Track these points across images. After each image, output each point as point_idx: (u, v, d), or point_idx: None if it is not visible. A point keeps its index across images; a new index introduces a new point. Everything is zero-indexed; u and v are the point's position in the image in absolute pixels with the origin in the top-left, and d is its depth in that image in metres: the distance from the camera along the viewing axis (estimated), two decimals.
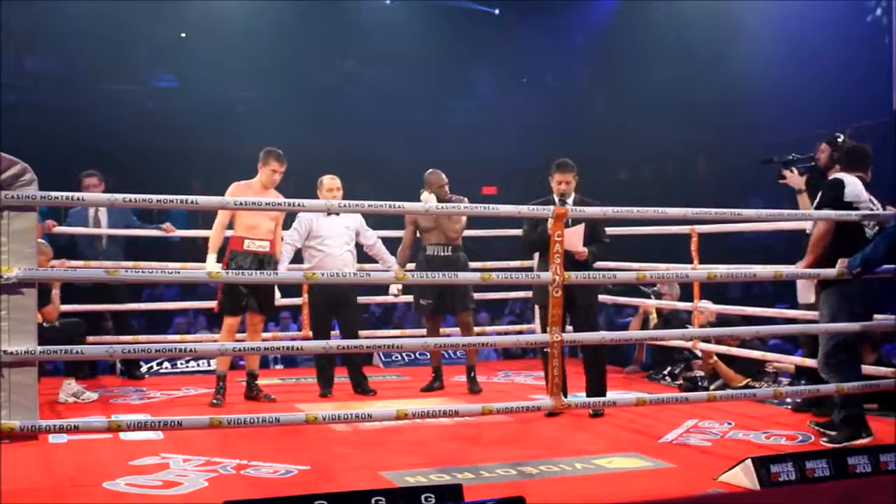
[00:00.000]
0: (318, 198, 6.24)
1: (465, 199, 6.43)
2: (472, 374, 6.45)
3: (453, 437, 5.01)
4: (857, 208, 4.78)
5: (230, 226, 6.07)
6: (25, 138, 9.98)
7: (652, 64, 14.49)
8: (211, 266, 5.80)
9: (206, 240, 6.19)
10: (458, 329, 6.79)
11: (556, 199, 5.49)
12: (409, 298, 7.06)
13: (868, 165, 4.98)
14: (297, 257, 6.47)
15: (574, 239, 5.30)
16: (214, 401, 5.91)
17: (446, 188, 6.42)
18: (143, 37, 14.94)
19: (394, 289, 6.92)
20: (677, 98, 14.29)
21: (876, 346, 5.76)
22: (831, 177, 5.00)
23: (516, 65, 16.49)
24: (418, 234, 6.56)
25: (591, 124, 15.14)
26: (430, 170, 6.49)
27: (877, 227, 4.80)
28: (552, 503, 3.79)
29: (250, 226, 5.92)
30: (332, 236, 6.29)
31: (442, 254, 6.37)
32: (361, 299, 6.90)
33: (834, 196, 4.86)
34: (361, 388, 6.42)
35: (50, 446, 4.69)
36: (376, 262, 6.72)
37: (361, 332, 6.64)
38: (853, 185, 4.83)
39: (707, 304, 6.96)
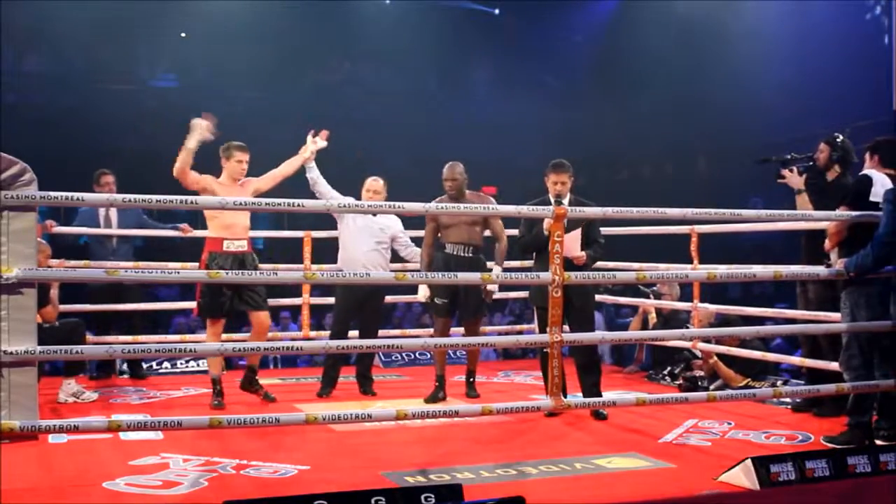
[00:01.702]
0: (360, 195, 6.27)
1: (491, 200, 6.17)
2: (472, 378, 6.37)
3: (453, 437, 5.01)
4: (881, 209, 4.74)
5: (205, 226, 6.00)
6: (25, 138, 9.99)
7: (652, 64, 14.49)
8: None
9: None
10: (458, 329, 6.76)
11: (553, 199, 5.48)
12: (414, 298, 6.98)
13: None
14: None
15: (572, 244, 5.31)
16: (215, 402, 5.87)
17: (450, 184, 6.04)
18: (143, 37, 14.95)
19: (423, 290, 6.39)
20: (677, 98, 14.29)
21: None
22: (863, 172, 4.94)
23: (516, 65, 16.49)
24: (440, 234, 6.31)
25: (590, 124, 15.15)
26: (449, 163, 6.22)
27: None
28: (552, 503, 3.79)
29: (227, 225, 5.77)
30: (359, 234, 6.29)
31: (462, 254, 6.10)
32: None
33: (858, 192, 4.82)
34: (364, 388, 6.43)
35: (50, 446, 4.69)
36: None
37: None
38: (881, 185, 4.76)
39: (706, 307, 6.95)
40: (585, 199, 5.58)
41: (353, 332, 6.54)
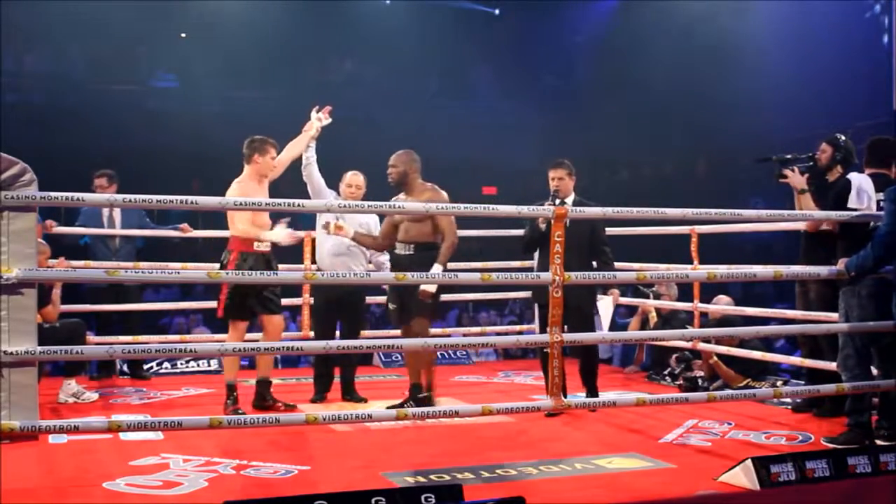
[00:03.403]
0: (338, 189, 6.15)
1: (444, 196, 5.67)
2: (421, 394, 5.74)
3: (453, 437, 5.01)
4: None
5: (226, 226, 5.91)
6: (25, 138, 9.98)
7: (652, 64, 14.48)
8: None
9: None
10: (459, 329, 6.74)
11: (551, 196, 5.51)
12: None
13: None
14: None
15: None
16: (232, 410, 5.55)
17: (388, 170, 5.77)
18: (143, 37, 14.93)
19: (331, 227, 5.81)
20: (677, 98, 14.28)
21: None
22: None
23: (516, 65, 16.49)
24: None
25: (591, 124, 15.14)
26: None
27: None
28: (552, 503, 3.79)
29: (259, 225, 5.66)
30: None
31: (403, 252, 5.69)
32: None
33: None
34: (349, 394, 6.25)
35: (50, 446, 4.69)
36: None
37: (361, 333, 6.55)
38: (858, 188, 4.81)
39: (706, 307, 6.93)
40: (589, 201, 5.61)
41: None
